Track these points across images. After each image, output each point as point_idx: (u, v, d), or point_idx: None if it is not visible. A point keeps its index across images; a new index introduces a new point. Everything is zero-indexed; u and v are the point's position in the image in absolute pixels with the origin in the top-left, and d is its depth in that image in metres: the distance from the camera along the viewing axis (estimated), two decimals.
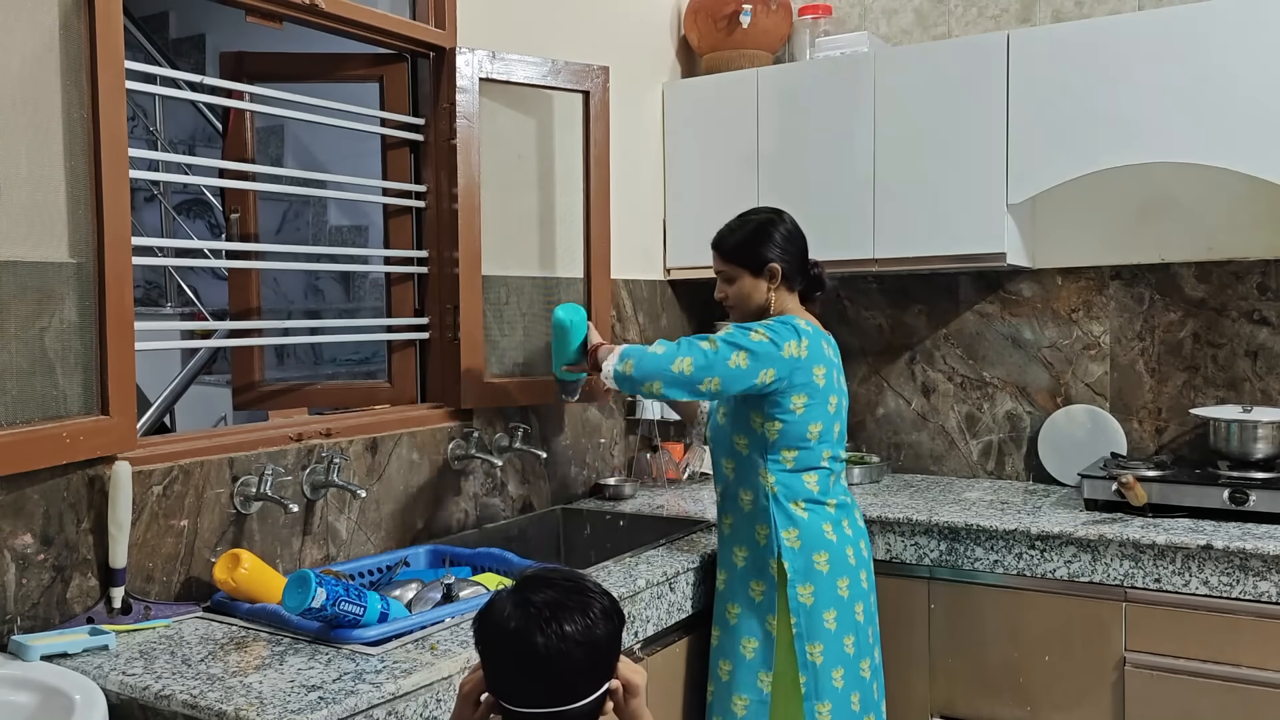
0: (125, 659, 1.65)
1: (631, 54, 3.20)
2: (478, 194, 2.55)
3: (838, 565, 2.18)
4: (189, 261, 4.50)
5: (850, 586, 2.20)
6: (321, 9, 2.23)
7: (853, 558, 2.22)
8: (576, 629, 1.25)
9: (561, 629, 1.24)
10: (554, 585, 1.29)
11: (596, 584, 1.33)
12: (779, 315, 2.22)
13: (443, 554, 2.34)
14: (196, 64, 5.24)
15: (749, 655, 2.19)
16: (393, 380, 2.65)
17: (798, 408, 2.15)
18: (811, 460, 2.20)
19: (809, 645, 2.15)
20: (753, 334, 2.11)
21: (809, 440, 2.18)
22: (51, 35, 1.72)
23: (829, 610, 2.16)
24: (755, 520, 2.21)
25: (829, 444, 2.22)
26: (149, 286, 4.97)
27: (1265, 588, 2.28)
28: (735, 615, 2.22)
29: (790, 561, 2.15)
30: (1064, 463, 3.03)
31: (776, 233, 2.24)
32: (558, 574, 1.34)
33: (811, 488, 2.20)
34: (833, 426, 2.22)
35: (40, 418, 1.70)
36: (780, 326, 2.14)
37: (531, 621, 1.24)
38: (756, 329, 2.12)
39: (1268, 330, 2.83)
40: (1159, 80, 2.59)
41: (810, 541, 2.17)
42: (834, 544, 2.19)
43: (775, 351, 2.10)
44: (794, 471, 2.19)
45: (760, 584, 2.19)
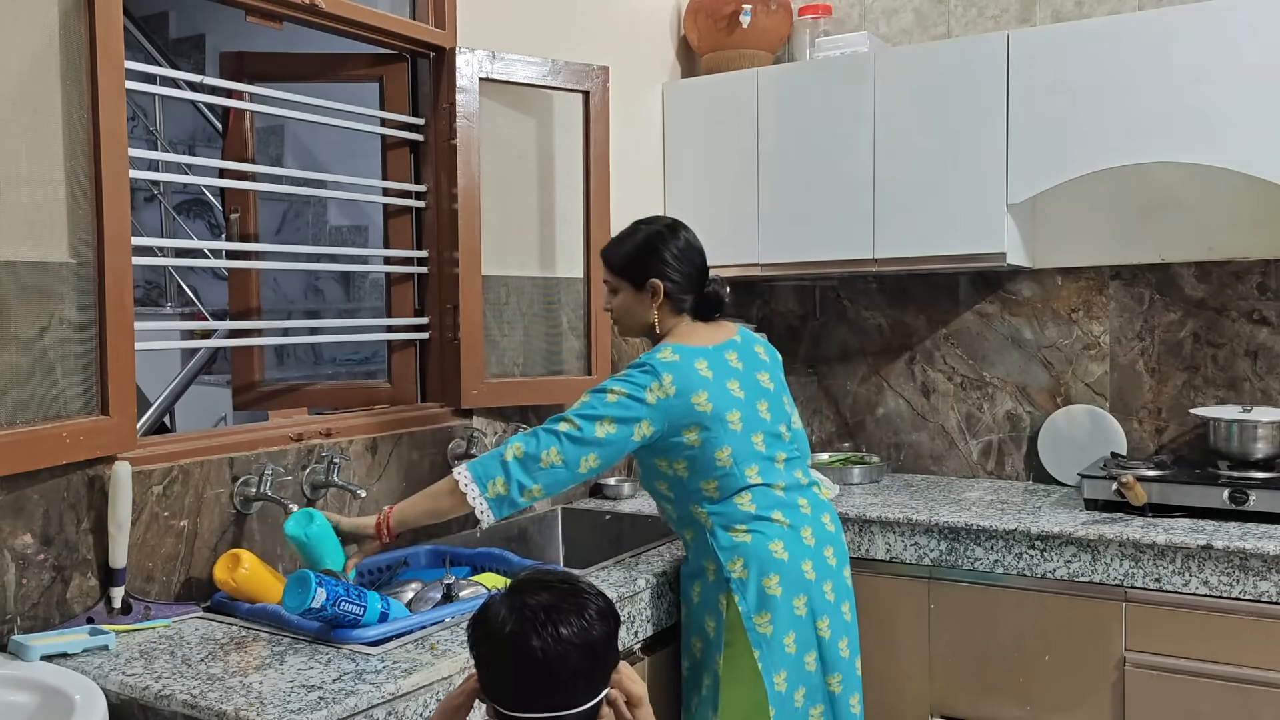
0: (125, 659, 1.65)
1: (631, 54, 3.20)
2: (478, 194, 2.55)
3: (793, 584, 2.01)
4: (189, 261, 4.50)
5: (809, 604, 2.03)
6: (321, 9, 2.23)
7: (811, 571, 2.04)
8: (573, 631, 1.24)
9: (557, 631, 1.23)
10: (549, 588, 1.28)
11: (591, 585, 1.32)
12: (662, 336, 2.11)
13: (443, 554, 2.34)
14: (196, 64, 5.24)
15: (704, 692, 2.07)
16: (393, 380, 2.65)
17: (693, 441, 2.00)
18: (737, 483, 2.03)
19: (775, 675, 1.99)
20: (609, 395, 1.98)
21: (723, 466, 2.01)
22: (51, 35, 1.72)
23: (788, 634, 2.01)
24: (702, 556, 2.07)
25: (752, 459, 2.04)
26: (149, 286, 4.97)
27: (1265, 588, 2.28)
28: (699, 650, 2.10)
29: (740, 595, 1.99)
30: (1064, 463, 3.03)
31: (665, 248, 2.10)
32: (553, 576, 1.33)
33: (748, 509, 2.03)
34: (748, 441, 2.04)
35: (40, 418, 1.70)
36: (636, 374, 2.00)
37: (527, 624, 1.23)
38: (611, 388, 1.99)
39: (1268, 330, 2.83)
40: (1159, 80, 2.59)
41: (758, 566, 2.00)
42: (785, 563, 2.01)
43: (639, 404, 1.97)
44: (724, 500, 2.03)
45: (712, 620, 2.04)
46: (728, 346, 2.12)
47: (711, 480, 2.03)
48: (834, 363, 3.43)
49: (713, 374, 2.04)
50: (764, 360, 2.18)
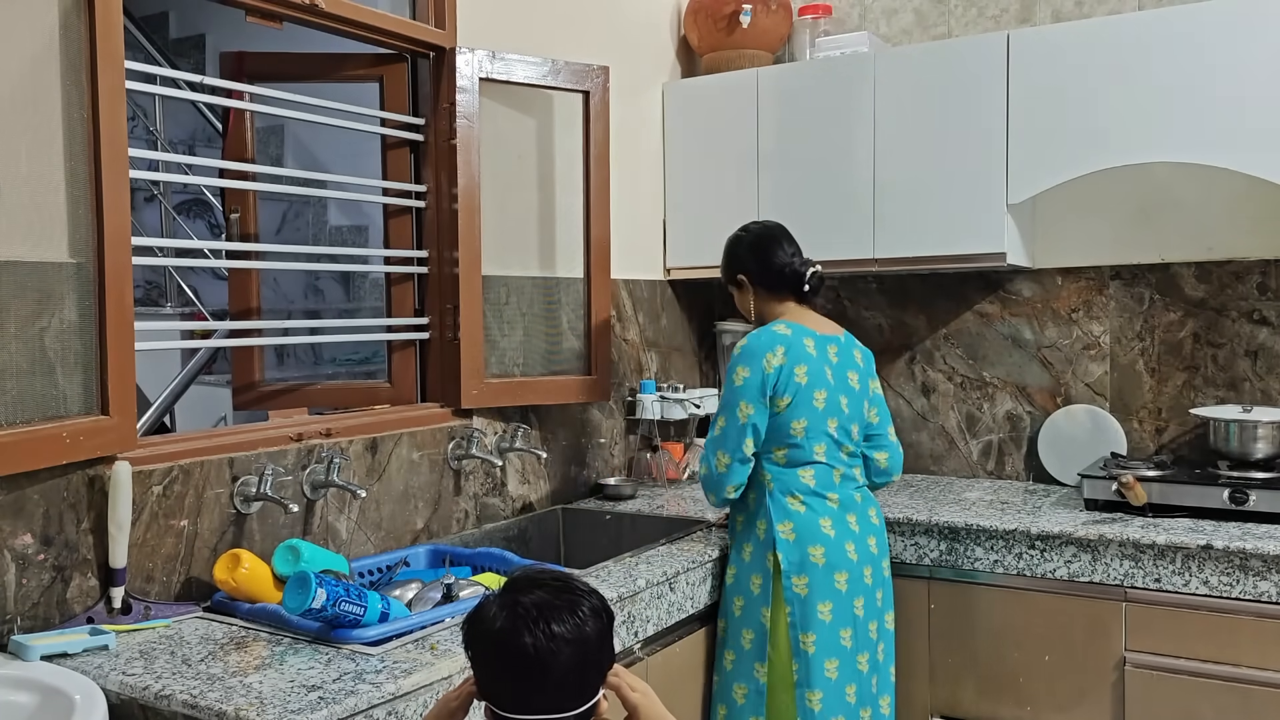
0: (125, 659, 1.65)
1: (631, 54, 3.20)
2: (478, 194, 2.55)
3: (836, 559, 2.22)
4: (189, 261, 4.50)
5: (850, 581, 2.23)
6: (321, 9, 2.23)
7: (854, 553, 2.25)
8: (565, 629, 1.23)
9: (550, 629, 1.22)
10: (542, 585, 1.28)
11: (585, 583, 1.32)
12: (774, 319, 2.34)
13: (443, 554, 2.34)
14: (196, 64, 5.24)
15: (747, 646, 2.26)
16: (393, 380, 2.65)
17: (780, 408, 2.24)
18: (804, 456, 2.26)
19: (802, 635, 2.20)
20: (735, 376, 2.26)
21: (795, 437, 2.25)
22: (51, 36, 1.72)
23: (824, 602, 2.21)
24: (756, 516, 2.29)
25: (822, 439, 2.27)
26: (149, 286, 4.97)
27: (1265, 588, 2.28)
28: (740, 608, 2.29)
29: (784, 554, 2.22)
30: (1064, 463, 3.03)
31: (738, 247, 2.43)
32: (546, 574, 1.33)
33: (808, 482, 2.26)
34: (824, 423, 2.27)
35: (40, 418, 1.70)
36: (754, 344, 2.26)
37: (520, 622, 1.23)
38: (738, 367, 2.26)
39: (1268, 330, 2.83)
40: (1159, 80, 2.59)
41: (806, 535, 2.22)
42: (831, 539, 2.23)
43: (758, 375, 2.23)
44: (788, 468, 2.27)
45: (759, 577, 2.25)
46: (832, 340, 2.36)
47: (783, 447, 2.27)
48: None
49: (816, 354, 2.29)
50: (859, 365, 2.40)
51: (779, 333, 2.27)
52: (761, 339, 2.27)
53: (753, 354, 2.25)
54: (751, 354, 2.25)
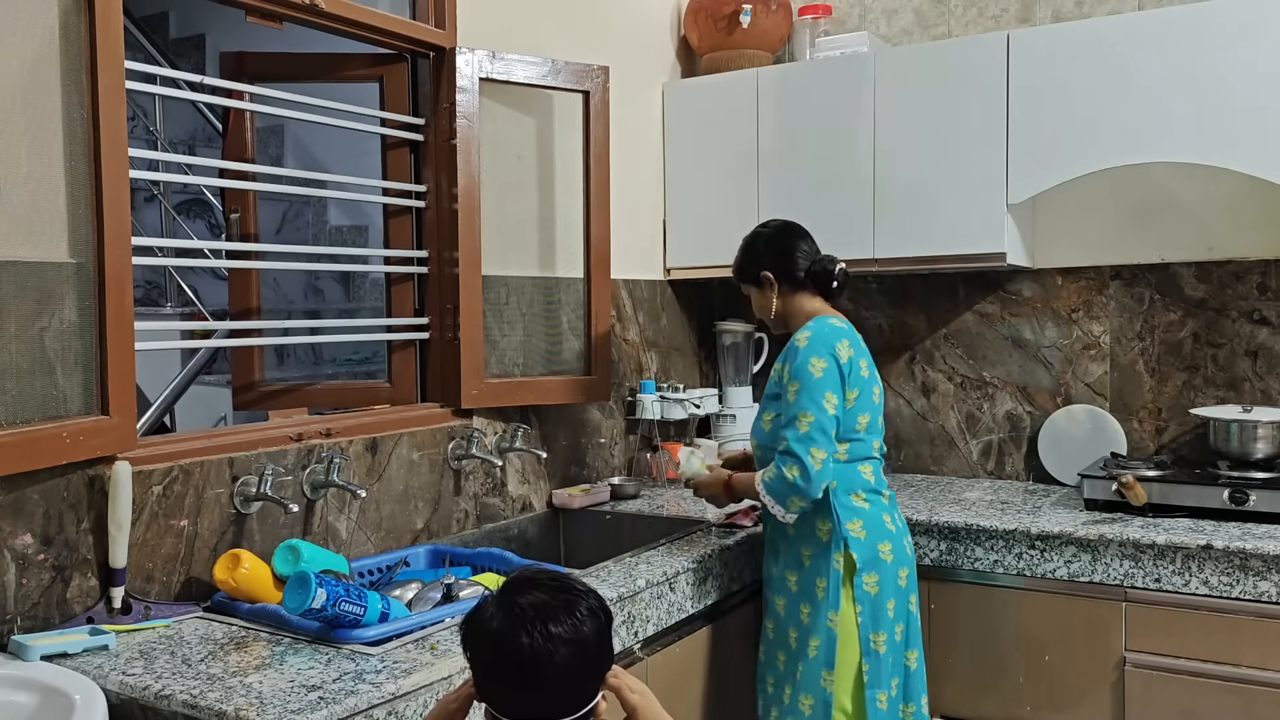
0: (125, 659, 1.65)
1: (631, 54, 3.20)
2: (478, 194, 2.55)
3: (899, 555, 2.21)
4: (189, 261, 4.50)
5: (908, 577, 2.23)
6: (321, 9, 2.23)
7: (908, 548, 2.26)
8: (563, 629, 1.23)
9: (547, 629, 1.22)
10: (539, 586, 1.28)
11: (582, 583, 1.32)
12: (807, 317, 2.26)
13: (443, 554, 2.34)
14: (196, 64, 5.24)
15: (813, 654, 2.17)
16: (393, 380, 2.65)
17: (849, 401, 2.18)
18: (864, 450, 2.23)
19: (873, 634, 2.15)
20: (811, 368, 2.14)
21: (859, 431, 2.21)
22: (51, 36, 1.72)
23: (890, 599, 2.18)
24: (816, 517, 2.20)
25: (876, 434, 2.27)
26: (149, 286, 4.97)
27: (1265, 588, 2.28)
28: (807, 615, 2.19)
29: (859, 552, 2.16)
30: (1064, 463, 3.03)
31: (758, 243, 2.35)
32: (543, 574, 1.32)
33: (868, 478, 2.23)
34: (878, 418, 2.28)
35: (40, 418, 1.70)
36: (821, 334, 2.18)
37: (517, 622, 1.22)
38: (812, 359, 2.14)
39: (1268, 330, 2.83)
40: (1159, 80, 2.59)
41: (875, 531, 2.19)
42: (894, 534, 2.22)
43: (834, 365, 2.15)
44: (849, 463, 2.21)
45: (823, 579, 2.17)
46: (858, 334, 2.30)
47: (845, 442, 2.20)
48: None
49: (867, 351, 2.26)
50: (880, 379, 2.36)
51: (837, 325, 2.21)
52: (825, 330, 2.18)
53: (825, 343, 2.15)
54: (824, 343, 2.15)
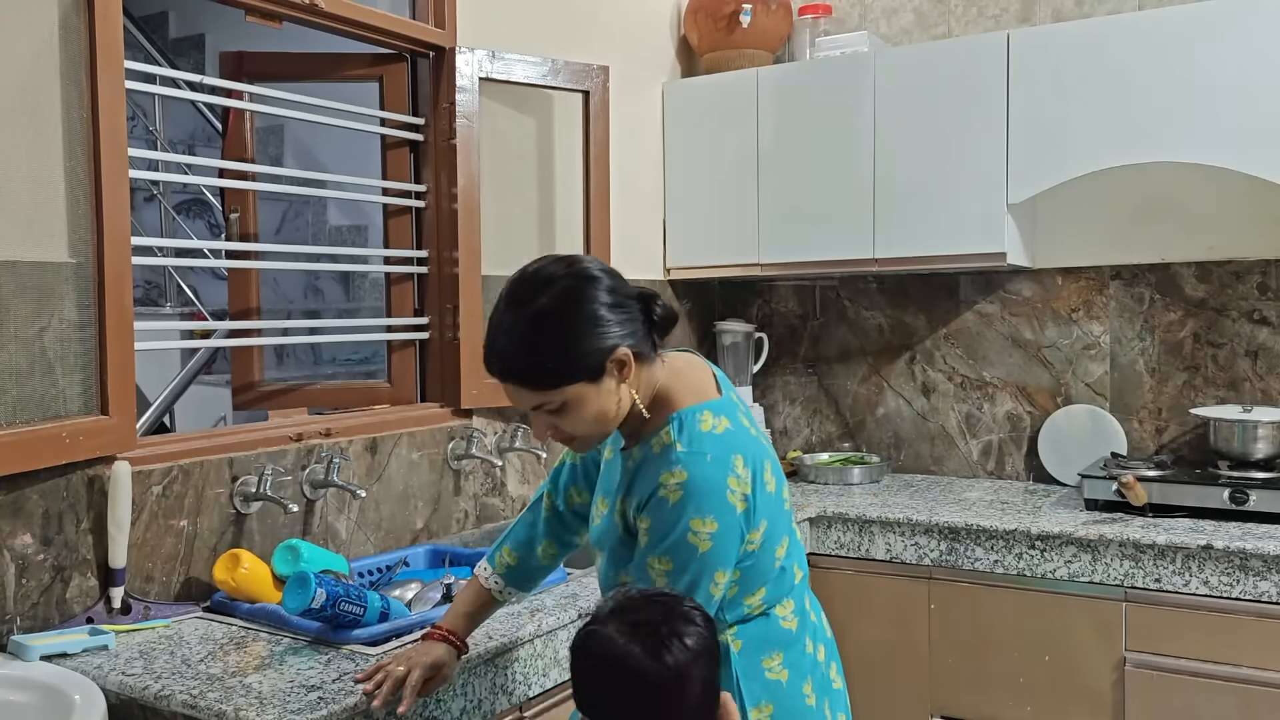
0: (125, 659, 1.65)
1: (631, 54, 3.20)
2: (478, 194, 2.55)
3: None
4: (189, 261, 4.50)
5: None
6: (321, 9, 2.23)
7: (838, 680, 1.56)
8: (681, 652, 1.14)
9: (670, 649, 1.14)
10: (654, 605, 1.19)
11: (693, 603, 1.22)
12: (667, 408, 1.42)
13: (443, 554, 2.34)
14: (196, 64, 5.24)
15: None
16: (392, 380, 2.65)
17: (755, 543, 1.41)
18: (782, 587, 1.48)
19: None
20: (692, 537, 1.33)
21: (778, 566, 1.47)
22: (51, 35, 1.72)
23: None
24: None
25: (796, 554, 1.53)
26: (149, 286, 4.97)
27: (1265, 588, 2.28)
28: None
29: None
30: (1064, 463, 3.03)
31: (595, 301, 1.36)
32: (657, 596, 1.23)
33: (789, 624, 1.47)
34: (789, 519, 1.51)
35: (40, 418, 1.70)
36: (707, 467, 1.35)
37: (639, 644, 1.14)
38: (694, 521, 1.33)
39: (1268, 330, 2.83)
40: (1159, 80, 2.59)
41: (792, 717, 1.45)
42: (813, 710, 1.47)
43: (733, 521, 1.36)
44: (763, 615, 1.46)
45: None
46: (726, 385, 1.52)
47: (760, 588, 1.44)
48: (834, 363, 3.43)
49: (757, 431, 1.47)
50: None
51: (720, 432, 1.39)
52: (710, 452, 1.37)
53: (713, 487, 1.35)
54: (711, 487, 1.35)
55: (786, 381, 3.51)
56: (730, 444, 1.39)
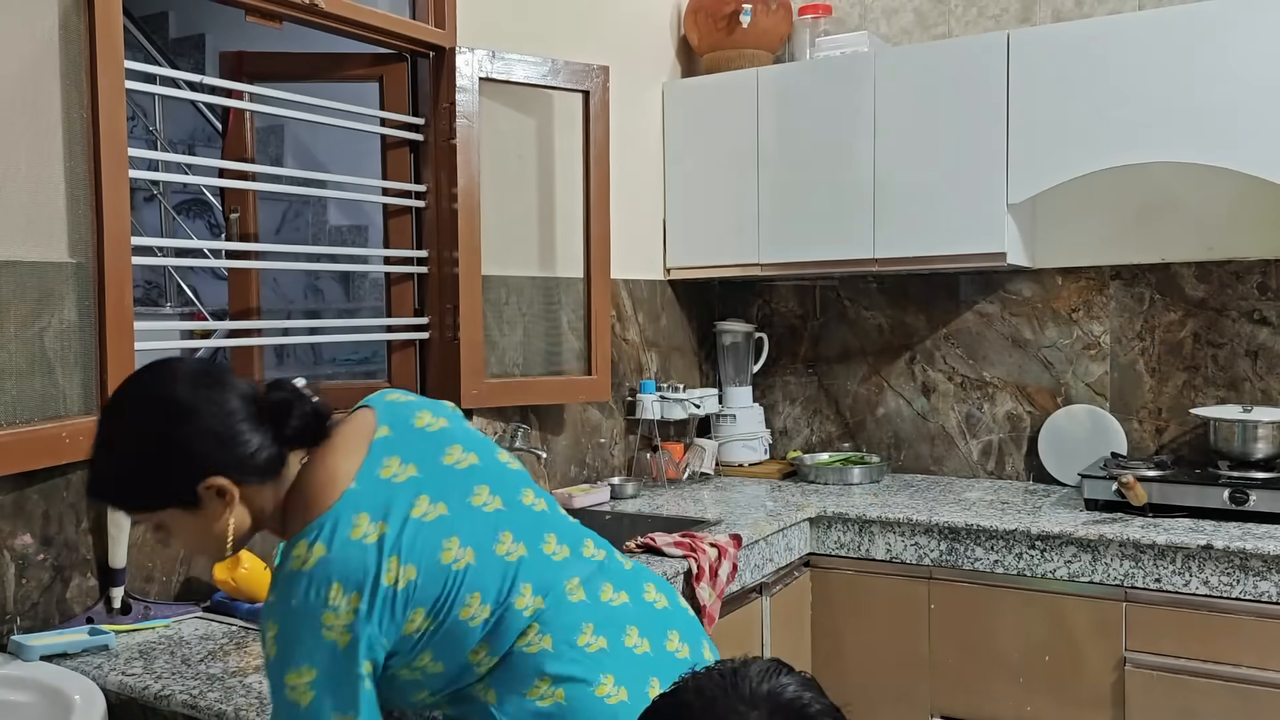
0: (125, 659, 1.65)
1: (631, 54, 3.20)
2: (478, 194, 2.55)
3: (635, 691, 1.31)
4: (189, 261, 4.50)
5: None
6: (321, 9, 2.23)
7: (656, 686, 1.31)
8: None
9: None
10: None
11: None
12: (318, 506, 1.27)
13: None
14: (196, 64, 5.24)
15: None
16: (392, 380, 2.65)
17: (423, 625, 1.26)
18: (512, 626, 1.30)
19: None
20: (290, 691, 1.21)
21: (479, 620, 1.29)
22: (51, 36, 1.72)
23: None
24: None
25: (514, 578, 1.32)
26: (149, 286, 4.97)
27: (1265, 588, 2.28)
28: None
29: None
30: (1064, 463, 3.03)
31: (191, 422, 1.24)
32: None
33: (543, 646, 1.30)
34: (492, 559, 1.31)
35: (40, 418, 1.70)
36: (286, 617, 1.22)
37: None
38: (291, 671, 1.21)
39: (1268, 330, 2.83)
40: (1159, 80, 2.59)
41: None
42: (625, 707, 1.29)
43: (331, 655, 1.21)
44: (505, 660, 1.30)
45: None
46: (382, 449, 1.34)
47: (478, 647, 1.30)
48: (834, 363, 3.43)
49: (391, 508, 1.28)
50: (447, 429, 1.43)
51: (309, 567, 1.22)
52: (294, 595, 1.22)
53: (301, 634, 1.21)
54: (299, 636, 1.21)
55: (786, 381, 3.51)
56: (324, 572, 1.21)
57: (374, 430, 1.36)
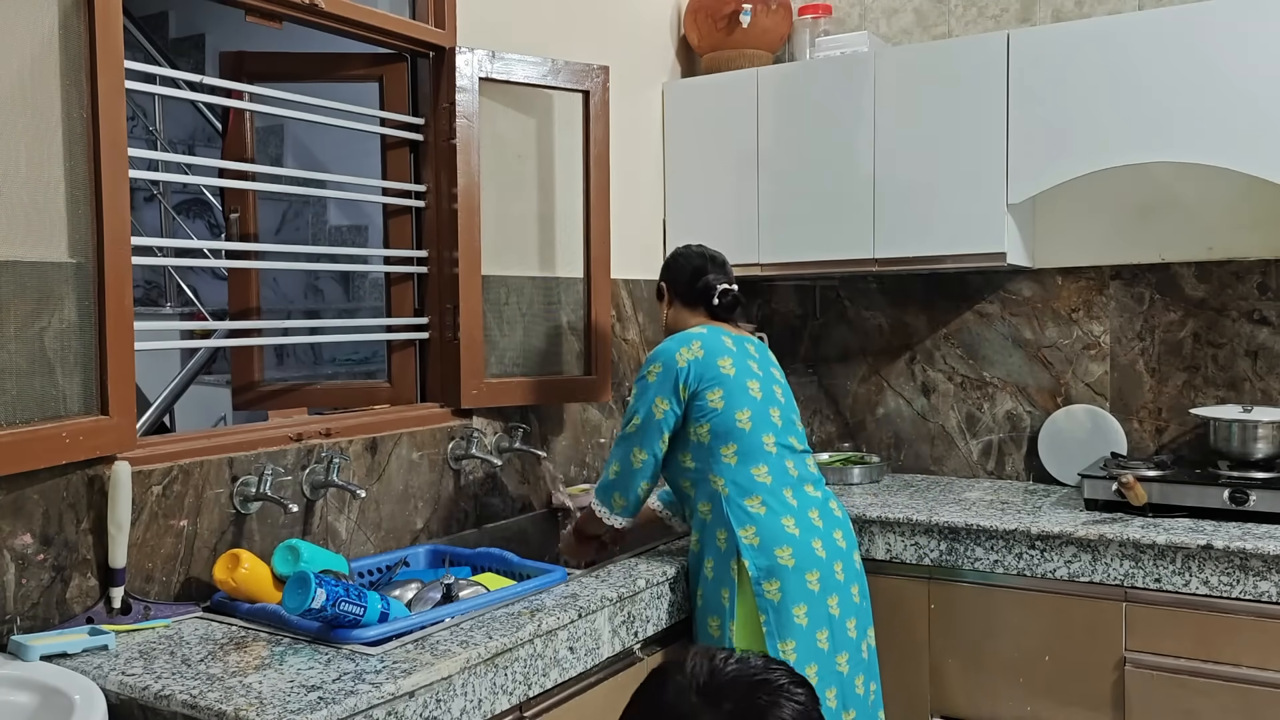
0: (125, 659, 1.65)
1: (631, 54, 3.20)
2: (478, 194, 2.55)
3: (805, 559, 2.13)
4: (189, 261, 4.50)
5: (822, 580, 2.15)
6: (321, 9, 2.23)
7: (821, 549, 2.16)
8: None
9: None
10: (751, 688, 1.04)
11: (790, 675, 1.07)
12: (682, 330, 2.33)
13: (443, 554, 2.34)
14: (196, 64, 5.24)
15: None
16: (392, 380, 2.65)
17: (716, 401, 2.18)
18: (754, 450, 2.19)
19: (780, 643, 2.10)
20: (646, 375, 2.24)
21: (743, 428, 2.18)
22: (51, 35, 1.72)
23: (799, 605, 2.11)
24: (716, 527, 2.18)
25: (769, 429, 2.22)
26: (149, 286, 4.98)
27: (1265, 588, 2.28)
28: (715, 627, 2.17)
29: (751, 559, 2.12)
30: (1064, 463, 3.03)
31: (670, 261, 2.46)
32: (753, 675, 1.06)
33: (764, 480, 2.18)
34: (766, 412, 2.22)
35: (40, 418, 1.70)
36: (666, 344, 2.26)
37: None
38: (649, 366, 2.25)
39: (1268, 330, 2.83)
40: (1159, 80, 2.59)
41: (770, 537, 2.13)
42: (796, 538, 2.14)
43: (669, 371, 2.21)
44: (741, 466, 2.18)
45: (726, 590, 2.14)
46: (749, 341, 2.34)
47: (731, 444, 2.17)
48: (834, 363, 3.43)
49: (736, 348, 2.26)
50: (778, 378, 2.36)
51: (693, 331, 2.28)
52: (674, 339, 2.27)
53: (665, 351, 2.23)
54: (664, 351, 2.24)
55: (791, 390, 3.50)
56: (694, 335, 2.25)
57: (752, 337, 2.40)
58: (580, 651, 1.93)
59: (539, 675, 1.83)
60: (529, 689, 1.81)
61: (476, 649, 1.68)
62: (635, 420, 2.23)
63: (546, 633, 1.84)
